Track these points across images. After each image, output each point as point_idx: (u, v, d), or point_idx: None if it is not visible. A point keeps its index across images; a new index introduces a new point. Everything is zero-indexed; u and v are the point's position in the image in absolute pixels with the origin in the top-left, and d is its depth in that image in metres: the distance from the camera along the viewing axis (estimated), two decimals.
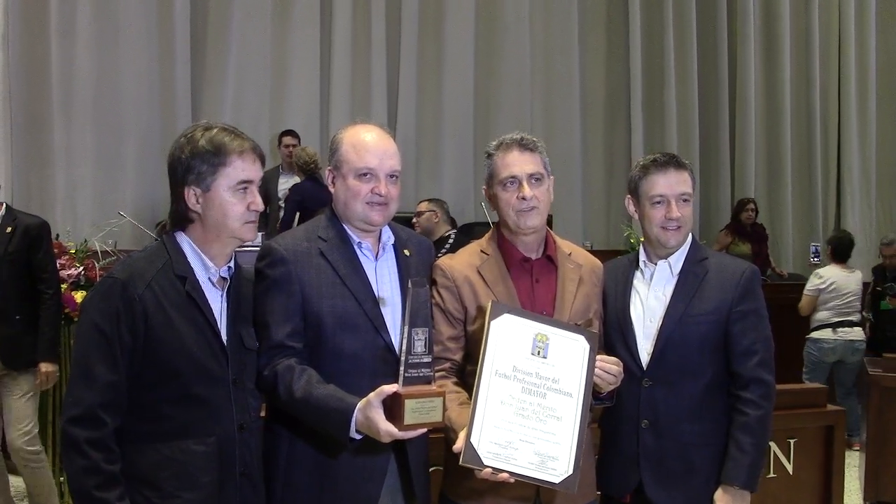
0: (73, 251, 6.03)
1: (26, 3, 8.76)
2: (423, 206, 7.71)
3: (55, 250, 5.44)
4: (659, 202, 3.03)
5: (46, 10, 8.80)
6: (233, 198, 2.53)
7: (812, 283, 7.99)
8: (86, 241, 6.23)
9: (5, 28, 8.49)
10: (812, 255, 8.48)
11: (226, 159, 2.53)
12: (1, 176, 8.13)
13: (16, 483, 5.44)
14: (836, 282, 7.82)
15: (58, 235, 6.17)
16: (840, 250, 7.98)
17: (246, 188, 2.55)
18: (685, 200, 3.03)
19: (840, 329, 7.75)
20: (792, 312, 7.98)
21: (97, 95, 8.97)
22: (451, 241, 7.21)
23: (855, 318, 7.82)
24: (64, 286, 5.53)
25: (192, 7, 9.38)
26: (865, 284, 8.53)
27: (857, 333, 7.78)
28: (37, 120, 8.84)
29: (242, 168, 2.54)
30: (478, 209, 9.46)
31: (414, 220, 7.57)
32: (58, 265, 5.38)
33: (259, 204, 2.57)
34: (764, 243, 10.33)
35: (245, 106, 9.58)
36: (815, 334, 7.83)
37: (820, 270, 8.09)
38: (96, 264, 5.95)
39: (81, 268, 5.89)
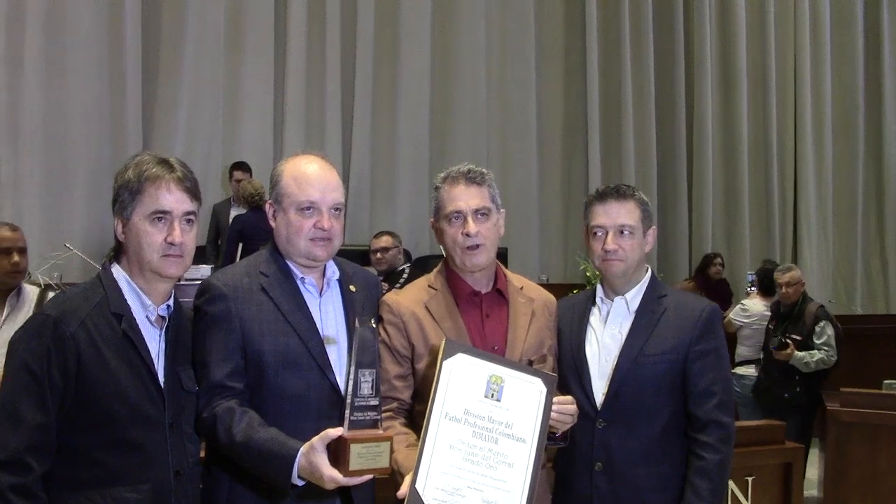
0: None
1: None
2: (388, 241, 7.46)
3: None
4: (597, 234, 2.97)
5: None
6: (150, 227, 2.46)
7: (737, 314, 7.81)
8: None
9: None
10: (749, 284, 8.33)
11: (141, 187, 2.47)
12: None
13: None
14: (760, 317, 7.63)
15: None
16: (766, 283, 7.76)
17: (161, 218, 2.46)
18: (629, 232, 2.95)
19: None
20: None
21: (46, 124, 8.80)
22: (405, 275, 7.08)
23: None
24: None
25: (143, 35, 9.25)
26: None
27: None
28: None
29: (157, 197, 2.47)
30: (433, 241, 9.36)
31: (378, 255, 7.38)
32: None
33: (176, 237, 2.46)
34: (727, 302, 9.43)
35: (197, 135, 9.45)
36: (738, 370, 7.54)
37: (746, 302, 7.92)
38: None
39: None
